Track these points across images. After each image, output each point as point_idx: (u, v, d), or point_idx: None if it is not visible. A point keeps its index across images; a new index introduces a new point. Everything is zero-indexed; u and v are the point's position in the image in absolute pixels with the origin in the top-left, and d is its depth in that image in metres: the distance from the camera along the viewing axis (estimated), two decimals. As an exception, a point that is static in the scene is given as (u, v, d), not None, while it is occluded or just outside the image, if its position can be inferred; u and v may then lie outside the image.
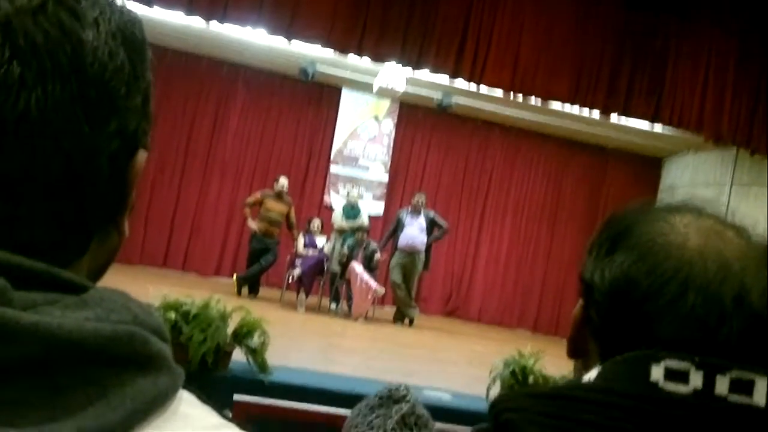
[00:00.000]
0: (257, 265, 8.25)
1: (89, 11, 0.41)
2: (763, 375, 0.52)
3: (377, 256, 8.23)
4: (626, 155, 10.63)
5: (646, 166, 10.67)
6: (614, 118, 8.03)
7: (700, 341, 0.54)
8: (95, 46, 0.41)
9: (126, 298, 0.41)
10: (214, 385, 3.12)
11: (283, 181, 8.47)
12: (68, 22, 0.40)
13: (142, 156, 0.46)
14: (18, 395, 0.34)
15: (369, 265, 8.09)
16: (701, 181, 9.50)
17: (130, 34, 0.44)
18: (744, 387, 0.52)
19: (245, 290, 8.17)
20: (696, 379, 0.52)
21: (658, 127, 8.49)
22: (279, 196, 8.38)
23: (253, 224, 8.25)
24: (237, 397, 2.04)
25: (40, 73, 0.38)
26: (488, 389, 3.50)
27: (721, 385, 0.52)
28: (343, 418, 2.14)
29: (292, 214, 8.48)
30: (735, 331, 0.55)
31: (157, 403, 0.39)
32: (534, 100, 7.74)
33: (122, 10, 0.45)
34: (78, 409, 0.35)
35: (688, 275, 0.57)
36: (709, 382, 0.52)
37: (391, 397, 0.98)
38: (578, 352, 0.66)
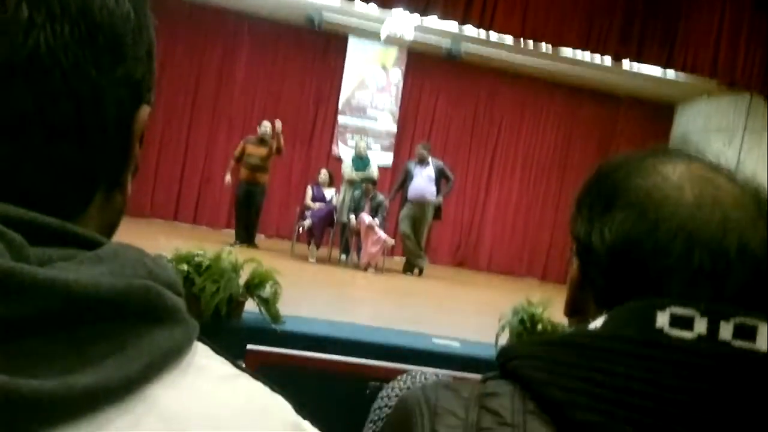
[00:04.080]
0: (244, 214, 8.23)
1: None
2: (765, 321, 0.53)
3: (385, 206, 8.24)
4: (638, 102, 10.46)
5: (658, 113, 10.51)
6: (626, 64, 7.87)
7: (706, 295, 0.55)
8: None
9: (140, 254, 0.42)
10: (227, 335, 3.18)
11: (266, 124, 8.36)
12: None
13: (145, 111, 0.47)
14: (37, 348, 0.34)
15: (377, 216, 8.12)
16: (714, 127, 9.37)
17: None
18: (747, 333, 0.53)
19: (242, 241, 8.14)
20: (700, 325, 0.53)
21: (670, 73, 8.33)
22: (261, 140, 8.29)
23: (228, 178, 8.23)
24: (250, 346, 2.08)
25: (49, 14, 0.39)
26: (497, 337, 3.55)
27: (725, 330, 0.53)
28: (353, 365, 2.18)
29: (274, 147, 8.30)
30: (740, 281, 0.56)
31: (173, 354, 0.39)
32: (544, 47, 7.59)
33: None
34: (97, 361, 0.36)
35: (691, 231, 0.57)
36: (713, 328, 0.53)
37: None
38: (577, 312, 0.67)
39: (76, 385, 0.34)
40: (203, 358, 0.43)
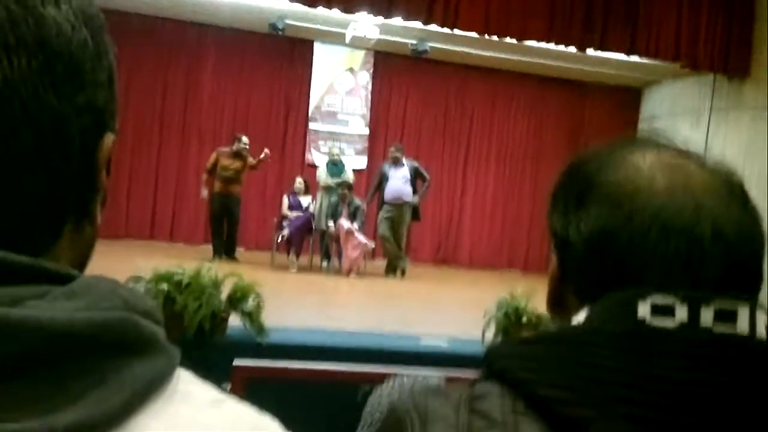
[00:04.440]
0: (220, 227, 8.20)
1: None
2: (744, 304, 0.54)
3: (363, 210, 8.24)
4: (605, 88, 10.61)
5: (626, 97, 10.67)
6: (591, 51, 7.98)
7: (684, 283, 0.55)
8: (58, 21, 0.41)
9: (114, 284, 0.41)
10: (212, 352, 3.15)
11: (246, 140, 8.34)
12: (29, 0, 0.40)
13: (110, 139, 0.46)
14: (16, 390, 0.34)
15: (355, 221, 8.11)
16: (680, 109, 9.54)
17: (90, 13, 0.44)
18: (727, 317, 0.53)
19: (223, 255, 8.11)
20: (681, 313, 0.53)
21: (635, 58, 8.47)
22: (237, 154, 8.24)
23: (204, 192, 8.16)
24: (237, 361, 2.07)
25: (5, 47, 0.39)
26: (483, 332, 3.57)
27: (706, 316, 0.53)
28: (343, 373, 2.18)
29: (248, 163, 8.33)
30: (716, 266, 0.56)
31: (155, 384, 0.39)
32: (510, 39, 7.65)
33: None
34: (78, 398, 0.35)
35: (665, 221, 0.57)
36: (694, 315, 0.53)
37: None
38: (559, 306, 0.67)
39: (58, 425, 0.34)
40: (187, 385, 0.42)
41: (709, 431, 0.49)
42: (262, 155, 8.37)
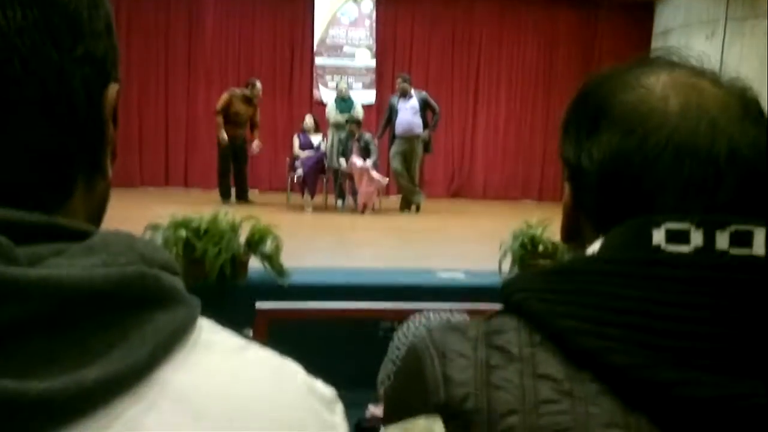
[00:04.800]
0: (229, 170, 8.20)
1: None
2: (761, 226, 0.53)
3: (373, 145, 8.17)
4: (616, 4, 10.27)
5: (638, 12, 10.31)
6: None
7: (699, 205, 0.55)
8: None
9: (131, 239, 0.41)
10: (234, 296, 3.21)
11: (260, 86, 8.28)
12: None
13: (114, 89, 0.45)
14: (40, 349, 0.34)
15: (369, 157, 8.07)
16: (695, 21, 9.21)
17: None
18: (743, 239, 0.53)
19: (234, 198, 8.15)
20: (696, 238, 0.53)
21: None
22: (249, 99, 8.17)
23: (224, 135, 8.06)
24: (259, 304, 2.10)
25: None
26: (500, 263, 3.58)
27: (722, 240, 0.53)
28: (364, 310, 2.22)
29: (257, 116, 8.33)
30: (732, 187, 0.55)
31: (177, 335, 0.39)
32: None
33: None
34: (102, 354, 0.36)
35: (679, 142, 0.56)
36: (709, 239, 0.53)
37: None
38: (574, 237, 0.66)
39: (86, 380, 0.34)
40: (209, 334, 0.43)
41: (729, 356, 0.50)
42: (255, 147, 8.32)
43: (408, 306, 2.01)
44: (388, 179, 8.39)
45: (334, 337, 2.11)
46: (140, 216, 3.52)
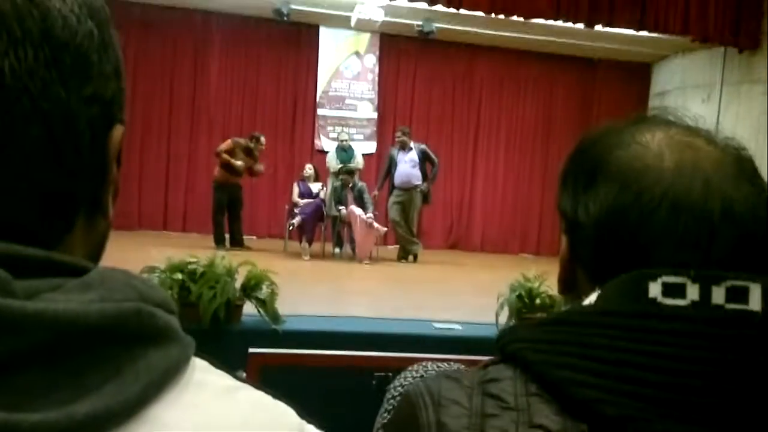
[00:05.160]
0: (223, 217, 8.25)
1: None
2: (756, 281, 0.53)
3: (367, 194, 8.21)
4: (614, 64, 10.50)
5: (636, 73, 10.55)
6: (599, 27, 7.89)
7: (694, 260, 0.55)
8: (63, 14, 0.41)
9: (128, 276, 0.42)
10: (228, 340, 3.18)
11: (264, 141, 8.45)
12: None
13: (119, 131, 0.46)
14: (34, 382, 0.35)
15: (362, 204, 8.10)
16: (691, 84, 9.42)
17: (95, 5, 0.44)
18: (739, 294, 0.53)
19: (227, 244, 8.13)
20: (693, 292, 0.53)
21: (644, 33, 8.37)
22: (250, 151, 8.30)
23: (240, 162, 8.13)
24: (252, 349, 2.08)
25: (11, 40, 0.39)
26: (497, 315, 3.56)
27: (717, 294, 0.53)
28: (357, 359, 2.19)
29: (256, 167, 8.45)
30: (726, 243, 0.56)
31: (170, 373, 0.40)
32: (517, 18, 7.58)
33: None
34: (95, 389, 0.36)
35: (674, 198, 0.57)
36: (705, 293, 0.53)
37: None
38: (571, 289, 0.67)
39: (77, 414, 0.34)
40: (202, 374, 0.43)
41: (722, 410, 0.49)
42: (258, 167, 8.46)
43: (403, 356, 1.99)
44: (387, 228, 8.41)
45: (327, 385, 2.08)
46: (137, 258, 3.51)
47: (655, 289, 0.54)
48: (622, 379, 0.50)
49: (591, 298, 0.59)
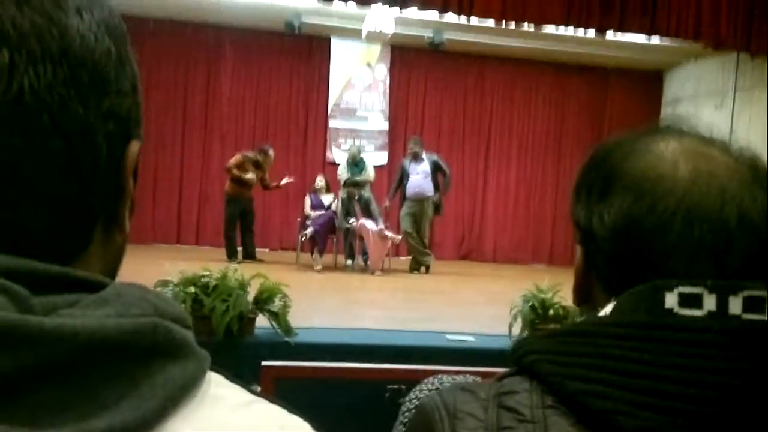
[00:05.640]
0: (235, 230, 8.32)
1: (71, 1, 0.42)
2: None
3: (374, 204, 8.20)
4: (626, 72, 10.45)
5: (648, 81, 10.50)
6: (610, 35, 7.87)
7: (710, 269, 0.55)
8: (81, 32, 0.42)
9: (144, 291, 0.42)
10: (241, 353, 3.19)
11: (272, 154, 8.53)
12: (53, 10, 0.41)
13: (135, 146, 0.47)
14: (51, 398, 0.35)
15: (370, 215, 8.09)
16: (704, 91, 9.36)
17: (113, 22, 0.45)
18: (757, 304, 0.52)
19: (241, 256, 8.18)
20: (710, 302, 0.53)
21: (656, 40, 8.33)
22: (258, 164, 8.36)
23: (251, 175, 8.23)
24: (265, 362, 2.08)
25: (30, 57, 0.39)
26: (510, 326, 3.55)
27: (734, 305, 0.52)
28: (370, 371, 2.18)
29: (267, 179, 8.55)
30: (742, 252, 0.56)
31: (187, 388, 0.40)
32: (527, 27, 7.57)
33: (102, 3, 0.45)
34: (112, 404, 0.36)
35: (689, 207, 0.57)
36: (722, 304, 0.53)
37: None
38: (586, 300, 0.66)
39: (94, 430, 0.34)
40: (218, 388, 0.43)
41: (740, 421, 0.49)
42: (283, 181, 8.57)
43: (416, 368, 1.98)
44: (400, 237, 8.40)
45: (340, 398, 2.08)
46: (151, 272, 3.53)
47: (671, 300, 0.53)
48: (639, 391, 0.50)
49: (606, 309, 0.58)
